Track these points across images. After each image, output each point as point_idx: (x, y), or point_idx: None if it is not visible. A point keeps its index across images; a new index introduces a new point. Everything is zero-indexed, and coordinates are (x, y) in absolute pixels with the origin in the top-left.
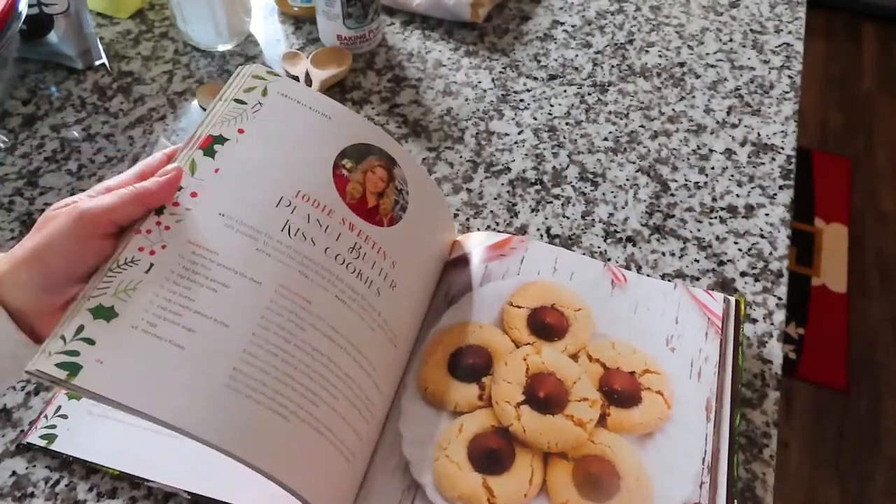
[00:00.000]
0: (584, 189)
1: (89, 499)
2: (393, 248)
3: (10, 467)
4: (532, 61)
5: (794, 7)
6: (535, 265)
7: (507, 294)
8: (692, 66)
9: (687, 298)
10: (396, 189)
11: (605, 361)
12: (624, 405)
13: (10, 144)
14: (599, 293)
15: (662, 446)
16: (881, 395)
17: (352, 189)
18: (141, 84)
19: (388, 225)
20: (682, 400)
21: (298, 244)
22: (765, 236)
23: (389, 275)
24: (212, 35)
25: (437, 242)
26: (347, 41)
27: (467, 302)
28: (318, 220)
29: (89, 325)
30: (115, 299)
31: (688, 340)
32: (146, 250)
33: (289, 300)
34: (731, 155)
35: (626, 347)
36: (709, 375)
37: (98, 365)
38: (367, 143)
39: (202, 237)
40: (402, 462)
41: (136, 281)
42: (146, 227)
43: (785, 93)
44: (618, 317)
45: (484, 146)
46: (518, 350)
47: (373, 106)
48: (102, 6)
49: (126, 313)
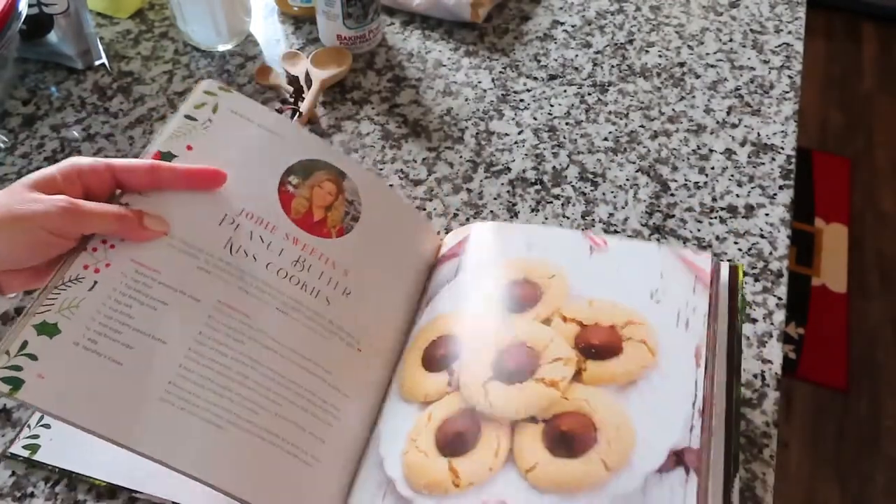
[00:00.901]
0: (584, 189)
1: (89, 499)
2: (344, 257)
3: (11, 467)
4: (532, 61)
5: (794, 7)
6: (509, 245)
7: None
8: (692, 66)
9: (672, 257)
10: (347, 201)
11: (581, 319)
12: (602, 358)
13: (10, 144)
14: (576, 258)
15: (646, 394)
16: (881, 395)
17: (297, 204)
18: (141, 84)
19: (338, 236)
20: (668, 348)
21: (239, 261)
22: (765, 236)
23: (341, 283)
24: (212, 35)
25: (408, 247)
26: (347, 41)
27: (444, 295)
28: (260, 236)
29: (33, 340)
30: (58, 316)
31: (674, 293)
32: (91, 268)
33: (227, 315)
34: (731, 155)
35: (605, 304)
36: (698, 326)
37: (39, 380)
38: (314, 158)
39: (145, 256)
40: (379, 460)
41: (80, 298)
42: (92, 244)
43: (785, 93)
44: (596, 277)
45: (484, 146)
46: (485, 328)
47: (373, 106)
48: (102, 6)
49: (68, 330)
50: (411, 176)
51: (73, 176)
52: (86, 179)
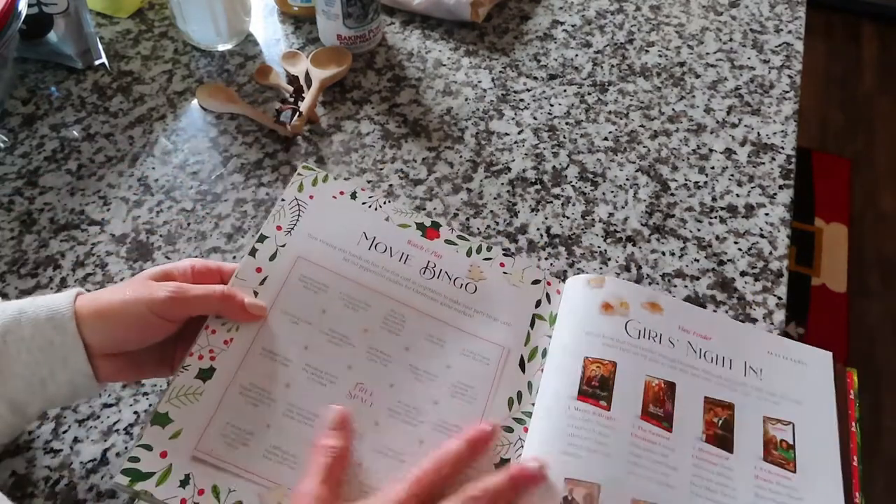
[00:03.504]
0: (584, 189)
1: (89, 499)
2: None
3: (10, 467)
4: (532, 61)
5: (794, 7)
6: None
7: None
8: (692, 65)
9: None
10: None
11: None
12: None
13: (10, 144)
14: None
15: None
16: (881, 395)
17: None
18: (141, 84)
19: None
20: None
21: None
22: (765, 236)
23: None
24: (212, 35)
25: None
26: (347, 41)
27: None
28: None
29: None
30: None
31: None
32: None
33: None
34: (731, 155)
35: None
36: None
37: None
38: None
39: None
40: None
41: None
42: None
43: (785, 92)
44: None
45: (484, 146)
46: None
47: (372, 106)
48: (102, 6)
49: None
50: (411, 176)
51: (188, 271)
52: (198, 275)
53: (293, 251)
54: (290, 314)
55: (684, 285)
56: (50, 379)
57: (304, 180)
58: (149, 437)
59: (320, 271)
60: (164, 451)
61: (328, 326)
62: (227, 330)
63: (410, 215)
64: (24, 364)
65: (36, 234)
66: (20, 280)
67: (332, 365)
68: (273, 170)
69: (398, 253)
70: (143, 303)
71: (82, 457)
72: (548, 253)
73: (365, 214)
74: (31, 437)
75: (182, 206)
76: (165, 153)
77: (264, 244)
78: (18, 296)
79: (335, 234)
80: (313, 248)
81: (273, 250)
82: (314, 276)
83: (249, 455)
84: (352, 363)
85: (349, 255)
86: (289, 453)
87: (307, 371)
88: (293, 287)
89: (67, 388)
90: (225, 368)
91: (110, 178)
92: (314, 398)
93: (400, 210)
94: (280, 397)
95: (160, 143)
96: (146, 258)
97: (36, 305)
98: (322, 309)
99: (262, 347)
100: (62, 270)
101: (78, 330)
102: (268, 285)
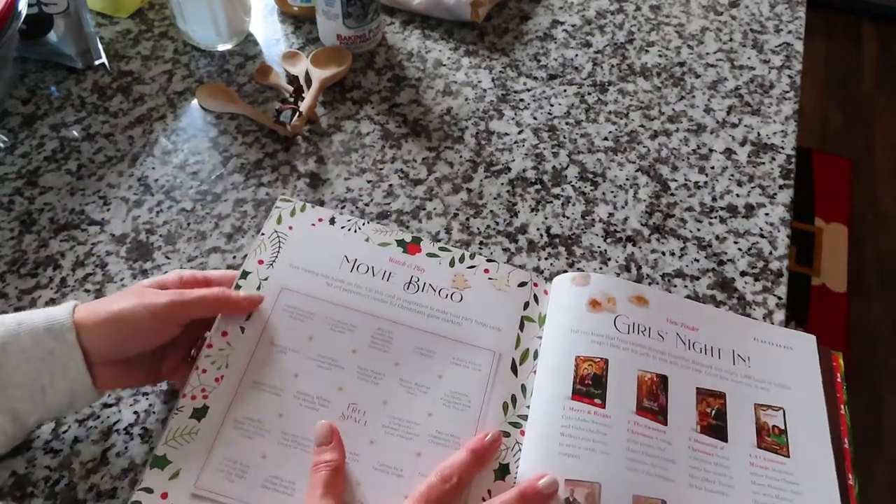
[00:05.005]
0: (584, 189)
1: (89, 499)
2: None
3: (10, 467)
4: (532, 61)
5: (794, 7)
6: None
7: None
8: (692, 65)
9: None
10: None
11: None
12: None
13: (10, 144)
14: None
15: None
16: (881, 395)
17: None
18: (141, 84)
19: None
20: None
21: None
22: (765, 236)
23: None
24: (212, 35)
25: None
26: (347, 41)
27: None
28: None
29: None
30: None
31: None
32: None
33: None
34: (731, 155)
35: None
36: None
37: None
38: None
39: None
40: None
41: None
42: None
43: (785, 92)
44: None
45: (484, 146)
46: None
47: (372, 105)
48: (102, 6)
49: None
50: (411, 175)
51: (177, 281)
52: (186, 285)
53: (276, 283)
54: (278, 345)
55: (684, 285)
56: (50, 387)
57: (282, 212)
58: (149, 481)
59: (304, 299)
60: (164, 493)
61: (316, 352)
62: (218, 368)
63: (390, 233)
64: (23, 374)
65: (36, 234)
66: (20, 280)
67: (323, 389)
68: (273, 170)
69: (381, 272)
70: (145, 308)
71: (82, 457)
72: (548, 253)
73: (345, 238)
74: (32, 437)
75: (182, 206)
76: (165, 153)
77: (247, 280)
78: (18, 295)
79: (316, 260)
80: (296, 277)
81: (256, 285)
82: (299, 305)
83: (248, 487)
84: (343, 385)
85: (331, 280)
86: (286, 480)
87: (298, 398)
88: (279, 318)
89: (67, 396)
90: (218, 405)
91: (110, 178)
92: (307, 424)
93: (379, 229)
94: (274, 427)
95: (160, 143)
96: (146, 258)
97: (34, 317)
98: (309, 336)
99: (253, 381)
100: (62, 270)
101: (77, 339)
102: (254, 320)
